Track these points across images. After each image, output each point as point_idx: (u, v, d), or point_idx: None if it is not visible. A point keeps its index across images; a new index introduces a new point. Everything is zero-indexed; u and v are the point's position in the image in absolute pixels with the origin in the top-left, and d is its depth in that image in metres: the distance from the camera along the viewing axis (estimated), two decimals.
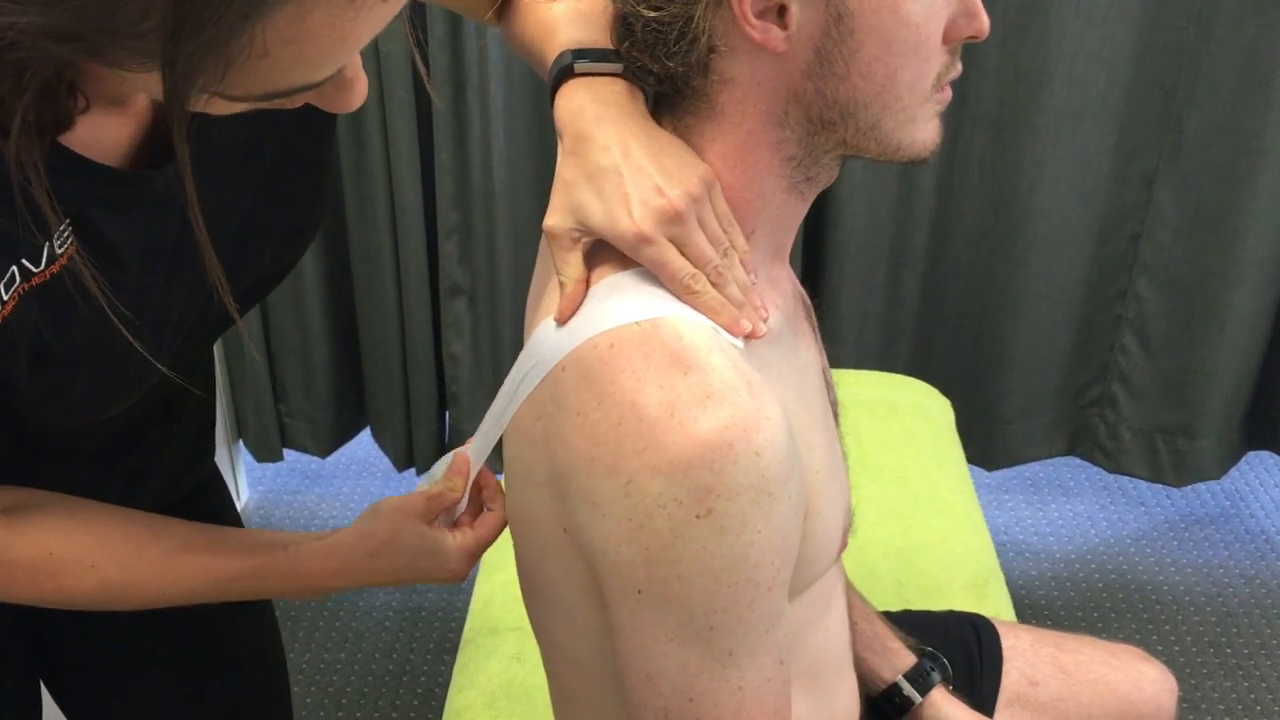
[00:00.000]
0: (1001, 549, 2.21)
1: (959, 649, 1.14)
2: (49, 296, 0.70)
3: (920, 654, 1.09)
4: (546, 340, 0.73)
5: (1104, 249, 2.06)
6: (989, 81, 1.92)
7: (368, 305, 2.13)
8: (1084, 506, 2.34)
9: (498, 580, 1.41)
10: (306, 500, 2.35)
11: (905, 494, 1.54)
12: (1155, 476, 2.20)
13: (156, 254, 0.76)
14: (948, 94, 0.77)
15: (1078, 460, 2.29)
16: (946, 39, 0.74)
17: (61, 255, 0.69)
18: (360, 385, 2.26)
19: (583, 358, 0.70)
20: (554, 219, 0.74)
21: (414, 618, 2.06)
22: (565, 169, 0.74)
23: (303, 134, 0.86)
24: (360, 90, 0.63)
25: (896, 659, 1.08)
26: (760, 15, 0.70)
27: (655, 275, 0.71)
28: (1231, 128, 1.91)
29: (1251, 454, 2.25)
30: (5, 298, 0.68)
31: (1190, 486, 2.30)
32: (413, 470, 2.28)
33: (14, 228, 0.64)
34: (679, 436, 0.65)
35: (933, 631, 1.15)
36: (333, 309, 2.16)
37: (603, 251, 0.74)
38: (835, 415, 0.90)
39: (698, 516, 0.66)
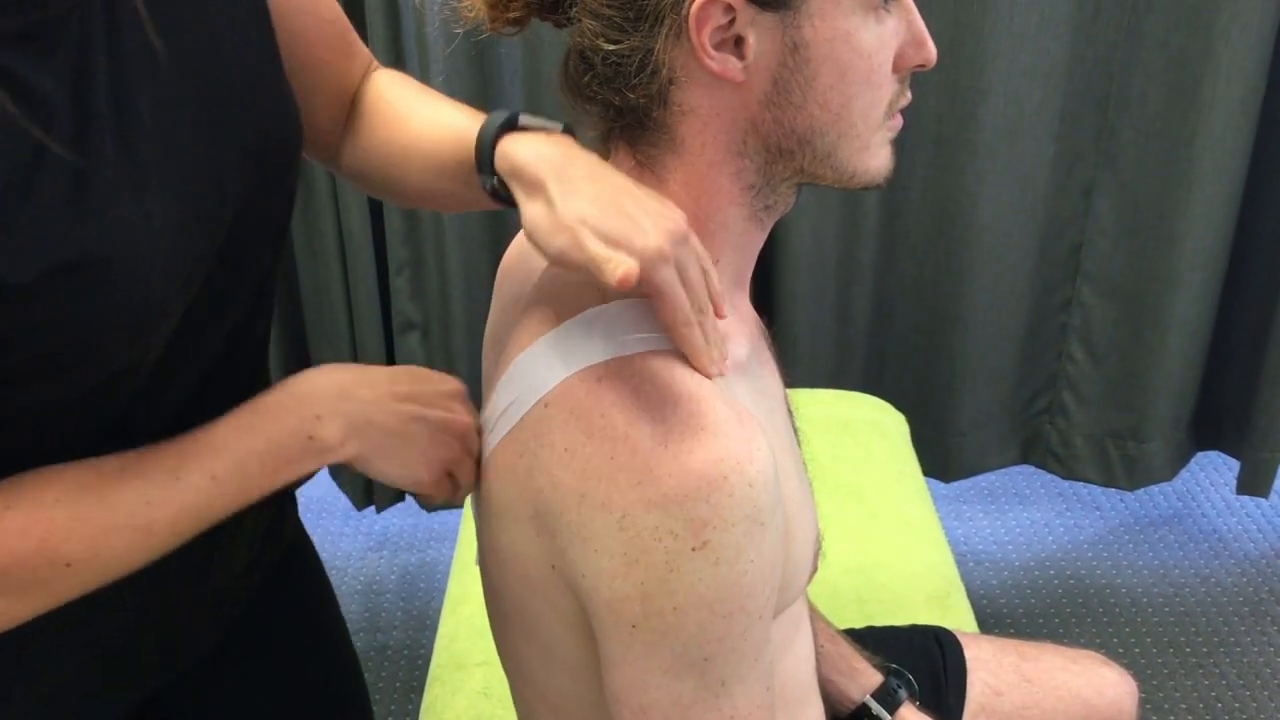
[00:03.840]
0: (961, 560, 2.24)
1: (924, 663, 1.15)
2: None
3: (886, 672, 1.10)
4: (524, 376, 0.73)
5: (1047, 259, 2.10)
6: (927, 99, 1.95)
7: (321, 341, 2.12)
8: (1041, 514, 2.37)
9: (462, 614, 1.40)
10: None
11: (864, 510, 1.55)
12: (1108, 481, 2.23)
13: (95, 119, 0.65)
14: (899, 121, 0.78)
15: (1032, 468, 2.32)
16: (896, 67, 0.75)
17: None
18: None
19: (569, 393, 0.70)
20: (561, 240, 0.68)
21: (379, 657, 2.05)
22: (558, 195, 0.70)
23: (236, 29, 0.77)
24: None
25: (863, 678, 1.09)
26: (718, 46, 0.71)
27: (657, 301, 0.68)
28: (1164, 136, 1.95)
29: (1201, 455, 2.29)
30: None
31: (1143, 489, 2.33)
32: (372, 509, 2.26)
33: None
34: (674, 469, 0.66)
35: (897, 647, 1.16)
36: (285, 345, 2.15)
37: (579, 286, 0.75)
38: (798, 440, 0.91)
39: (694, 549, 0.66)
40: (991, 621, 2.09)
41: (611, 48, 0.72)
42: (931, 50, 0.75)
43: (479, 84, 1.90)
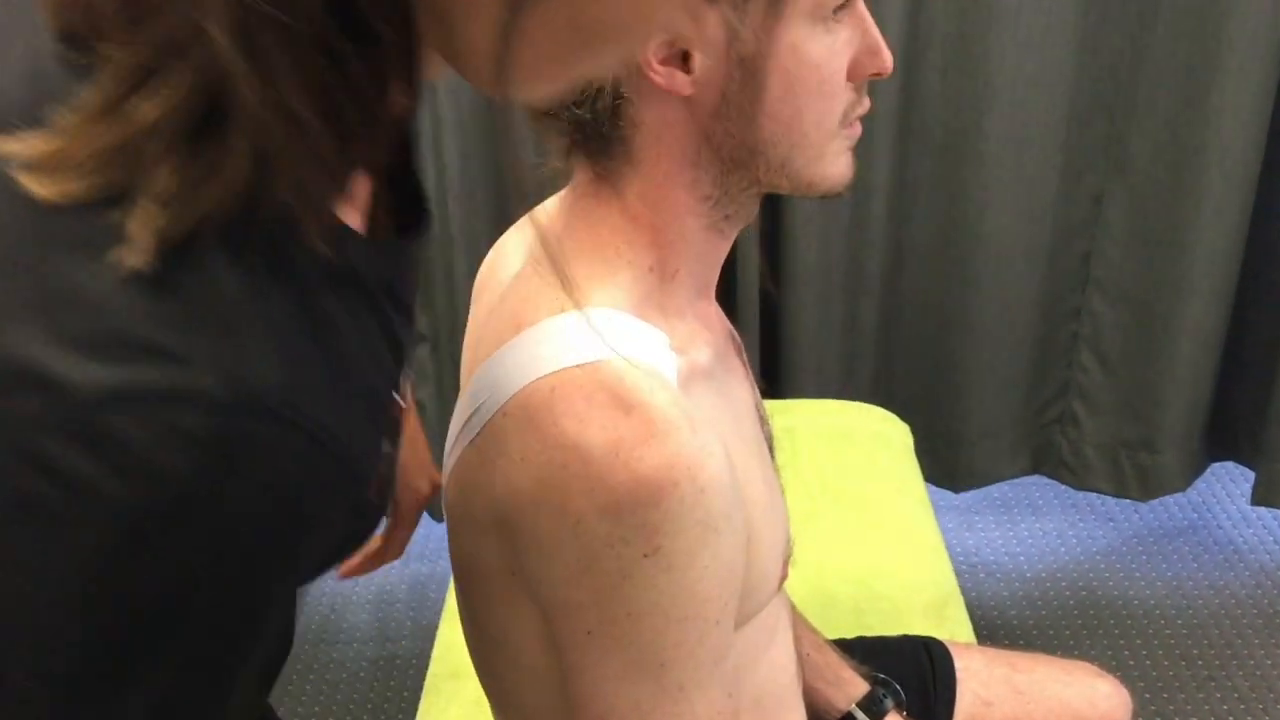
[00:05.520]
0: (972, 571, 2.23)
1: (912, 673, 1.15)
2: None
3: (873, 681, 1.10)
4: (486, 385, 0.74)
5: (1056, 268, 2.09)
6: (931, 108, 1.95)
7: None
8: (1053, 524, 2.36)
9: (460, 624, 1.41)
10: None
11: (864, 520, 1.55)
12: (1121, 492, 2.21)
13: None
14: (857, 129, 0.79)
15: (1045, 479, 2.31)
16: (851, 76, 0.76)
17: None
18: None
19: (525, 402, 0.71)
20: None
21: (388, 666, 2.06)
22: None
23: None
24: None
25: (850, 687, 1.09)
26: (664, 62, 0.71)
27: None
28: (1173, 144, 1.94)
29: (1216, 465, 2.27)
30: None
31: (1158, 500, 2.31)
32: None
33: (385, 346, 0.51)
34: (624, 476, 0.66)
35: (886, 657, 1.16)
36: None
37: (537, 296, 0.75)
38: (770, 448, 0.92)
39: (645, 555, 0.67)
40: (1002, 633, 2.08)
41: None
42: (886, 58, 0.75)
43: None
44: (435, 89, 1.87)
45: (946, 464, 2.21)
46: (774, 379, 2.18)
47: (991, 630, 2.08)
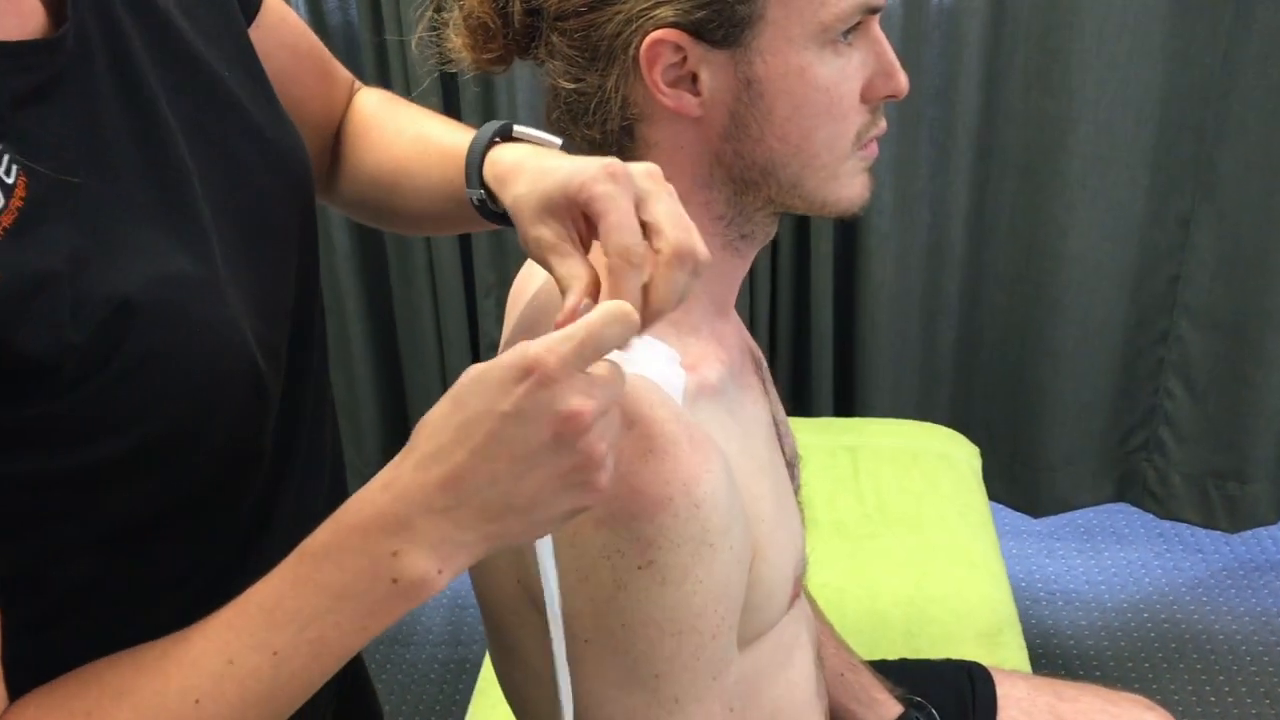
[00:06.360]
0: (1051, 598, 2.18)
1: (951, 698, 1.13)
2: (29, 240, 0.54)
3: (907, 704, 1.09)
4: None
5: (1142, 291, 2.04)
6: (1014, 128, 1.93)
7: (412, 363, 2.20)
8: (1138, 554, 2.29)
9: None
10: None
11: (922, 543, 1.53)
12: (1208, 522, 2.15)
13: (106, 153, 0.60)
14: (873, 150, 0.79)
15: (1130, 507, 2.25)
16: (865, 98, 0.76)
17: (16, 185, 0.55)
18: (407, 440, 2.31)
19: None
20: (538, 230, 0.65)
21: (458, 669, 2.10)
22: (519, 187, 0.68)
23: (225, 36, 0.73)
24: None
25: (882, 709, 1.09)
26: (674, 84, 0.73)
27: (600, 220, 0.61)
28: (1265, 165, 1.88)
29: None
30: None
31: (1250, 532, 2.24)
32: None
33: None
34: (620, 490, 0.67)
35: (926, 680, 1.15)
36: (379, 367, 2.23)
37: (547, 308, 0.77)
38: (792, 465, 0.92)
39: (639, 567, 0.68)
40: (1078, 663, 2.03)
41: (571, 86, 0.75)
42: (901, 81, 0.75)
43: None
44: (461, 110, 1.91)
45: (1026, 488, 2.17)
46: (848, 398, 2.17)
47: (1068, 659, 2.04)
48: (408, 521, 0.57)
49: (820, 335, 2.07)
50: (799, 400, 2.19)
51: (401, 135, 0.85)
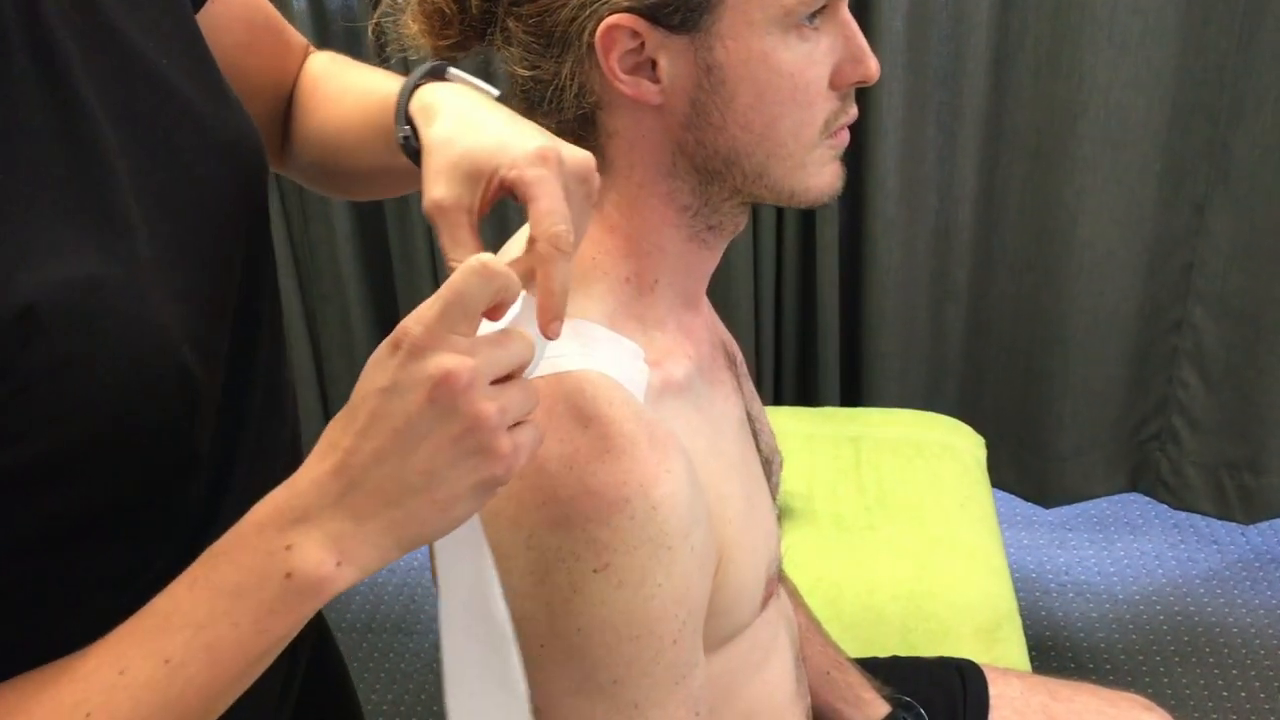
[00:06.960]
0: (1062, 589, 2.15)
1: (941, 697, 1.11)
2: None
3: (895, 704, 1.07)
4: None
5: (1155, 278, 2.00)
6: (1024, 111, 1.89)
7: None
8: (1152, 545, 2.26)
9: None
10: None
11: (922, 535, 1.51)
12: (1223, 513, 2.11)
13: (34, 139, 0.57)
14: (843, 138, 0.76)
15: (1144, 497, 2.21)
16: (834, 84, 0.73)
17: None
18: None
19: None
20: (439, 189, 0.63)
21: None
22: (441, 129, 0.65)
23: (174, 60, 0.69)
24: None
25: (869, 709, 1.06)
26: (632, 70, 0.70)
27: (531, 205, 0.61)
28: None
29: None
30: None
31: (1266, 523, 2.19)
32: None
33: None
34: (576, 491, 0.66)
35: (915, 679, 1.12)
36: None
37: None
38: (768, 463, 0.90)
39: (595, 570, 0.66)
40: (1088, 656, 2.00)
41: (527, 73, 0.72)
42: (871, 66, 0.72)
43: None
44: None
45: (1036, 478, 2.14)
46: (855, 387, 2.14)
47: (1078, 652, 2.01)
48: (304, 514, 0.55)
49: (826, 323, 2.04)
50: (805, 390, 2.16)
51: (346, 93, 0.82)
